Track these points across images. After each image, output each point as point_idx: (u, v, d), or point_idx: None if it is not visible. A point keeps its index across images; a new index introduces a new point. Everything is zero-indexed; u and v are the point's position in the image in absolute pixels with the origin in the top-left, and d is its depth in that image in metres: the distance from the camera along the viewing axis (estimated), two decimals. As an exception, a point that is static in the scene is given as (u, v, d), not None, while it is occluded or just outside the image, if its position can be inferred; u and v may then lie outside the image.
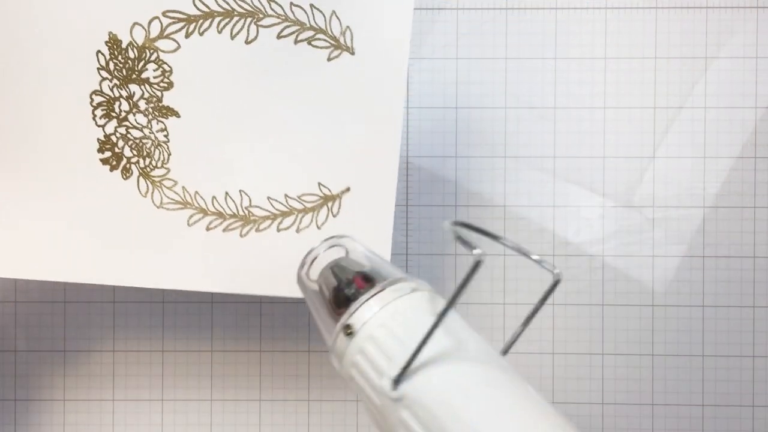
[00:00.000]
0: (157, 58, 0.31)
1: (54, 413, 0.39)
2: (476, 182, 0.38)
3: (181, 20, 0.30)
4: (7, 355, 0.39)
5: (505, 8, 0.38)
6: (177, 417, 0.39)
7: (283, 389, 0.39)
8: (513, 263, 0.39)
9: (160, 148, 0.32)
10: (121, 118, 0.31)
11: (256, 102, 0.31)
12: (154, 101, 0.31)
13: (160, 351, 0.39)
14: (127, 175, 0.32)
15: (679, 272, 0.38)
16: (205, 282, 0.32)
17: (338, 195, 0.32)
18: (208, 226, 0.32)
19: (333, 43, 0.31)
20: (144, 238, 0.32)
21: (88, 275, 0.32)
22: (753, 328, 0.38)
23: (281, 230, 0.32)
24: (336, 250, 0.27)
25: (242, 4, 0.30)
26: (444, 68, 0.38)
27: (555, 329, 0.38)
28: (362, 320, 0.23)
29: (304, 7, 0.31)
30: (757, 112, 0.38)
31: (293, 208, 0.32)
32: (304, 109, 0.32)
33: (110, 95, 0.31)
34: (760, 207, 0.38)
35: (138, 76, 0.31)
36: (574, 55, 0.38)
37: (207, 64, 0.31)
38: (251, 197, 0.32)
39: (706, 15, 0.38)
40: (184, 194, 0.32)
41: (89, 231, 0.32)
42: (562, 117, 0.38)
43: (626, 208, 0.38)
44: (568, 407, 0.38)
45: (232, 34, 0.31)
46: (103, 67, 0.31)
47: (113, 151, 0.32)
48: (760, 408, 0.38)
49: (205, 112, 0.31)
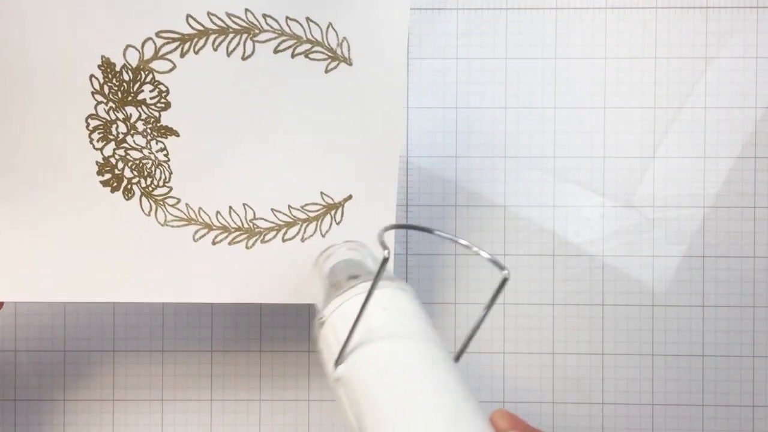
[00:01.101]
0: (153, 79, 0.31)
1: (54, 413, 0.39)
2: (476, 182, 0.38)
3: (175, 40, 0.30)
4: (7, 355, 0.39)
5: (505, 8, 0.38)
6: (177, 417, 0.39)
7: (283, 389, 0.39)
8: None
9: (161, 168, 0.32)
10: (119, 140, 0.31)
11: (255, 116, 0.31)
12: (152, 122, 0.31)
13: (160, 351, 0.39)
14: (129, 196, 0.32)
15: (679, 272, 0.38)
16: (214, 294, 0.32)
17: (341, 203, 0.32)
18: (214, 240, 0.32)
19: (330, 54, 0.31)
20: (150, 255, 0.32)
21: (96, 294, 0.32)
22: (753, 328, 0.38)
23: (286, 240, 0.33)
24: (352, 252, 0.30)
25: (237, 20, 0.30)
26: (444, 68, 0.38)
27: (555, 329, 0.38)
28: (330, 312, 0.25)
29: (300, 21, 0.31)
30: (757, 112, 0.38)
31: (297, 218, 0.32)
32: (303, 120, 0.32)
33: (106, 118, 0.31)
34: (760, 207, 0.38)
35: (134, 98, 0.31)
36: (574, 55, 0.38)
37: (204, 83, 0.31)
38: (255, 210, 0.32)
39: (706, 15, 0.38)
40: (188, 211, 0.32)
41: (95, 252, 0.32)
42: (562, 117, 0.38)
43: (626, 208, 0.38)
44: (567, 407, 0.38)
45: (228, 51, 0.31)
46: (98, 91, 0.31)
47: (113, 172, 0.32)
48: (760, 408, 0.38)
49: (204, 130, 0.31)
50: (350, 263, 0.29)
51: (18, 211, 0.31)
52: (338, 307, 0.25)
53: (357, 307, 0.23)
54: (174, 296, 0.32)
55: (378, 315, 0.24)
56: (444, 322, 0.39)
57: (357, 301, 0.24)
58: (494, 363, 0.39)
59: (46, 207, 0.31)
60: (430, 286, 0.39)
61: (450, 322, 0.39)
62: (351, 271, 0.27)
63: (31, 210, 0.31)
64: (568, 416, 0.39)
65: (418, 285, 0.38)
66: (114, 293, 0.32)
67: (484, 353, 0.39)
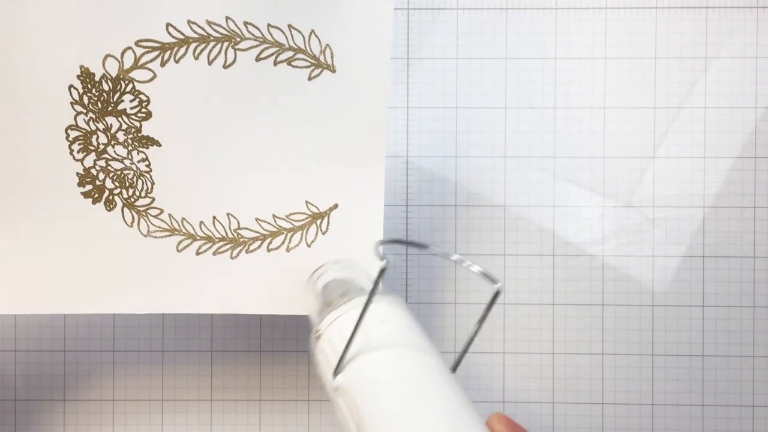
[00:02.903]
0: (133, 89, 0.30)
1: (54, 413, 0.39)
2: (476, 182, 0.38)
3: (155, 49, 0.30)
4: (7, 355, 0.39)
5: (505, 8, 0.38)
6: (177, 417, 0.39)
7: (283, 389, 0.39)
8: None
9: (142, 178, 0.31)
10: (99, 151, 0.31)
11: (238, 125, 0.31)
12: (132, 132, 0.31)
13: (160, 351, 0.39)
14: (111, 207, 0.31)
15: (679, 272, 0.38)
16: (199, 304, 0.32)
17: (326, 212, 0.32)
18: (197, 251, 0.32)
19: (313, 62, 0.31)
20: (134, 266, 0.32)
21: (80, 306, 0.32)
22: (753, 328, 0.38)
23: (271, 250, 0.32)
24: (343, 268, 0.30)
25: (218, 28, 0.30)
26: (444, 68, 0.38)
27: (555, 329, 0.38)
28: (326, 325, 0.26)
29: (282, 28, 0.30)
30: (757, 112, 0.38)
31: (282, 227, 0.32)
32: (287, 128, 0.31)
33: (86, 129, 0.31)
34: (760, 207, 0.38)
35: (114, 108, 0.31)
36: (574, 55, 0.38)
37: (185, 92, 0.30)
38: (239, 219, 0.32)
39: (706, 15, 0.38)
40: (171, 221, 0.32)
41: (77, 264, 0.31)
42: (562, 117, 0.38)
43: (626, 208, 0.38)
44: (567, 407, 0.38)
45: (209, 60, 0.30)
46: (77, 102, 0.30)
47: (94, 184, 0.31)
48: (760, 408, 0.38)
49: (186, 139, 0.31)
50: (343, 282, 0.29)
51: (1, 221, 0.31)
52: (334, 320, 0.25)
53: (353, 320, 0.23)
54: (157, 307, 0.32)
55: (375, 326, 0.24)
56: (444, 322, 0.39)
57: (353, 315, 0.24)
58: (494, 363, 0.39)
59: (26, 219, 0.31)
60: (430, 286, 0.39)
61: (450, 322, 0.39)
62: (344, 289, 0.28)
63: (10, 222, 0.31)
64: (568, 416, 0.39)
65: (417, 285, 0.38)
66: (96, 305, 0.32)
67: (484, 353, 0.39)
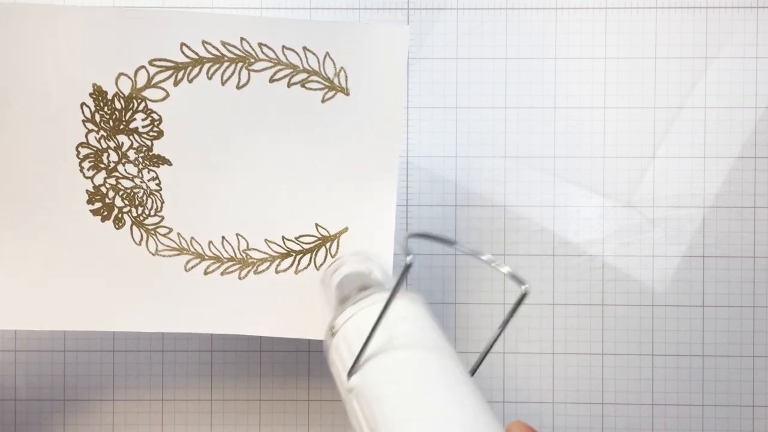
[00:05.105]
0: (146, 108, 0.30)
1: (54, 413, 0.39)
2: (476, 182, 0.38)
3: (168, 68, 0.30)
4: (7, 355, 0.39)
5: (505, 8, 0.38)
6: (177, 417, 0.39)
7: (283, 389, 0.39)
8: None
9: (152, 197, 0.31)
10: (110, 169, 0.31)
11: (249, 146, 0.31)
12: (144, 151, 0.31)
13: (160, 351, 0.39)
14: (120, 225, 0.31)
15: (679, 272, 0.38)
16: (206, 324, 0.32)
17: (336, 235, 0.32)
18: (206, 270, 0.32)
19: (327, 84, 0.31)
20: (141, 285, 0.31)
21: (87, 324, 0.32)
22: (753, 328, 0.38)
23: (279, 272, 0.32)
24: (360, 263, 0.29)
25: (232, 49, 0.30)
26: (444, 68, 0.38)
27: (555, 329, 0.38)
28: (342, 321, 0.25)
29: (297, 50, 0.30)
30: (757, 112, 0.38)
31: (291, 249, 0.32)
32: (299, 150, 0.31)
33: (97, 147, 0.31)
34: (760, 207, 0.38)
35: (126, 126, 0.31)
36: (574, 55, 0.38)
37: (197, 111, 0.30)
38: (248, 240, 0.32)
39: (706, 15, 0.38)
40: (179, 240, 0.32)
41: (85, 281, 0.31)
42: (562, 117, 0.38)
43: (626, 208, 0.38)
44: (567, 407, 0.38)
45: (222, 80, 0.30)
46: (89, 119, 0.30)
47: (104, 201, 0.31)
48: (760, 408, 0.38)
49: (197, 159, 0.31)
50: (359, 275, 0.28)
51: (6, 238, 0.31)
52: (351, 316, 0.25)
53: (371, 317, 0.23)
54: (164, 326, 0.32)
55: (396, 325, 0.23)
56: (444, 322, 0.39)
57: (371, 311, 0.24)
58: (494, 363, 0.39)
59: (35, 235, 0.31)
60: (430, 286, 0.39)
61: (450, 322, 0.39)
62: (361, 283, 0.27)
63: (20, 238, 0.31)
64: (568, 416, 0.39)
65: (418, 285, 0.38)
66: (103, 323, 0.32)
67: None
